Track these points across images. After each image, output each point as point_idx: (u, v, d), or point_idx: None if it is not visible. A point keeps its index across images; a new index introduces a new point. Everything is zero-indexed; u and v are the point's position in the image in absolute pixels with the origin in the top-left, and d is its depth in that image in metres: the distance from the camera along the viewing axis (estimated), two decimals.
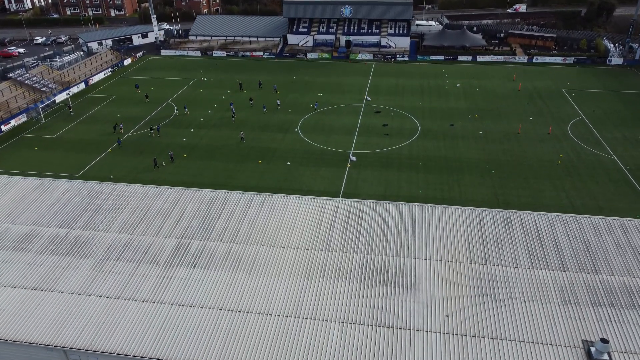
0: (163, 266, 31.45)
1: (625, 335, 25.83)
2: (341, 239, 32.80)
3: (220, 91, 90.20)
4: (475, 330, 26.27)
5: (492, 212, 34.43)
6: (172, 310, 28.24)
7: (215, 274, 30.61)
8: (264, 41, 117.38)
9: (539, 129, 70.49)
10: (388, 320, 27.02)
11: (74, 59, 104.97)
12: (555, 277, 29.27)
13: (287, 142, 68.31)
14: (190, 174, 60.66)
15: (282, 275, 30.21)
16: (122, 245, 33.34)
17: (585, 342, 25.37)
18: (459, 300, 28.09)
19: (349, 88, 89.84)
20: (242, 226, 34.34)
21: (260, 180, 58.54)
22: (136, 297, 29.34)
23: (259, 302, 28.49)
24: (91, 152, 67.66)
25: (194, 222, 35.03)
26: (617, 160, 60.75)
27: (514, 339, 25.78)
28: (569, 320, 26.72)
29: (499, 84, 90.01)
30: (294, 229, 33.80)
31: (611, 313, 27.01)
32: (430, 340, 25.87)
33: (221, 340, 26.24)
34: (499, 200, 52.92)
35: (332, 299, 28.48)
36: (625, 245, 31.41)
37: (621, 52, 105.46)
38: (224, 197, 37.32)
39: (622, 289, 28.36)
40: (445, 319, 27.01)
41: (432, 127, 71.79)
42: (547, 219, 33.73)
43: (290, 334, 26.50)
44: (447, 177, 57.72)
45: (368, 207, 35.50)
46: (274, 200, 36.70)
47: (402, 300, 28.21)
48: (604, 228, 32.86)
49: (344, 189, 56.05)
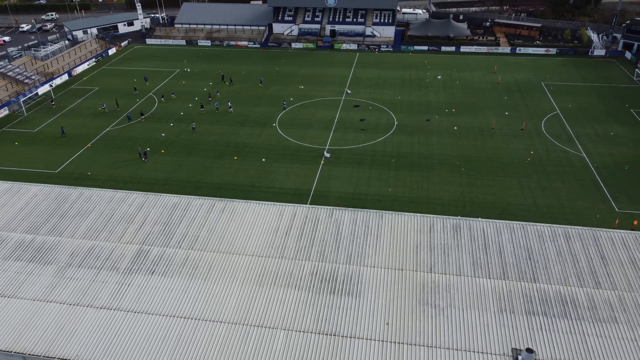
0: (122, 273, 32.68)
1: (554, 344, 27.24)
2: (295, 246, 34.03)
3: (202, 83, 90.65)
4: (412, 339, 27.67)
5: (442, 219, 35.64)
6: (127, 318, 29.55)
7: (172, 281, 31.88)
8: (249, 30, 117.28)
9: (514, 124, 71.46)
10: (331, 328, 28.41)
11: (58, 49, 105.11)
12: (494, 286, 30.63)
13: (265, 138, 69.21)
14: (166, 171, 61.62)
15: (235, 283, 31.49)
16: (85, 251, 34.51)
17: (514, 350, 26.84)
18: (401, 308, 29.45)
19: (330, 80, 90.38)
20: (201, 233, 35.52)
21: (234, 178, 59.60)
22: (94, 304, 30.62)
23: (210, 309, 29.81)
24: (71, 147, 68.43)
25: (156, 228, 36.18)
26: (585, 157, 61.91)
27: (448, 347, 27.20)
28: (502, 328, 28.12)
29: (480, 76, 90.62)
30: (251, 236, 35.01)
31: (543, 322, 28.40)
32: (369, 348, 27.27)
33: (170, 348, 27.60)
34: (465, 199, 54.14)
35: (281, 307, 29.81)
36: (566, 253, 32.72)
37: (605, 42, 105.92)
38: (186, 203, 38.42)
39: (557, 298, 29.73)
40: (386, 326, 28.39)
41: (409, 122, 72.69)
42: (495, 226, 34.98)
43: (237, 341, 27.86)
44: (417, 175, 58.86)
45: (324, 214, 36.69)
46: (234, 206, 37.83)
47: (347, 308, 29.57)
48: (548, 236, 34.13)
49: (315, 187, 57.20)
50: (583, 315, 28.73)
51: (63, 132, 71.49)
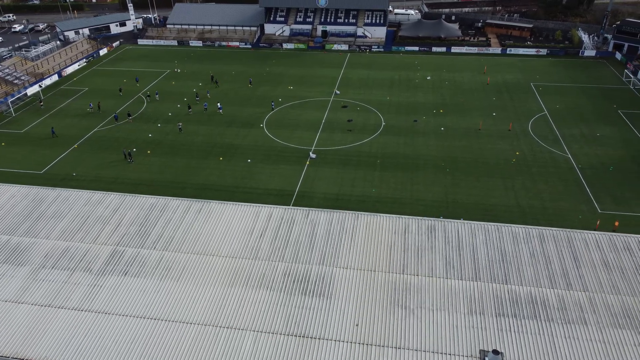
0: (96, 274, 32.65)
1: (522, 345, 27.25)
2: (270, 247, 34.02)
3: (192, 83, 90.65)
4: (381, 340, 27.67)
5: (418, 220, 35.65)
6: (98, 319, 29.52)
7: (144, 282, 31.85)
8: (241, 30, 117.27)
9: (501, 125, 71.52)
10: (301, 330, 28.40)
11: (49, 49, 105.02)
12: (466, 287, 30.64)
13: (251, 138, 69.19)
14: (152, 172, 61.58)
15: (207, 284, 31.47)
16: (59, 252, 34.47)
17: (482, 352, 26.85)
18: (371, 309, 29.45)
19: (320, 80, 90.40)
20: (176, 234, 35.49)
21: (219, 178, 59.59)
22: (66, 305, 30.58)
23: (181, 310, 29.78)
24: (58, 147, 68.40)
25: (131, 229, 36.15)
26: (570, 158, 61.98)
27: (416, 348, 27.20)
28: (472, 330, 28.13)
29: (469, 77, 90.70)
30: (226, 237, 34.99)
31: (513, 323, 28.40)
32: (337, 349, 27.27)
33: (139, 349, 27.56)
34: (448, 200, 54.18)
35: (251, 308, 29.79)
36: (539, 255, 32.73)
37: (596, 43, 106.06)
38: (163, 204, 38.40)
39: (528, 300, 29.74)
40: (355, 328, 28.39)
41: (396, 123, 72.73)
42: (470, 227, 34.99)
43: (206, 343, 27.84)
44: (402, 176, 58.88)
45: (300, 215, 36.68)
46: (211, 207, 37.82)
47: (318, 309, 29.56)
48: (522, 237, 34.16)
49: (300, 187, 57.20)
50: (553, 316, 28.75)
51: (54, 132, 71.45)
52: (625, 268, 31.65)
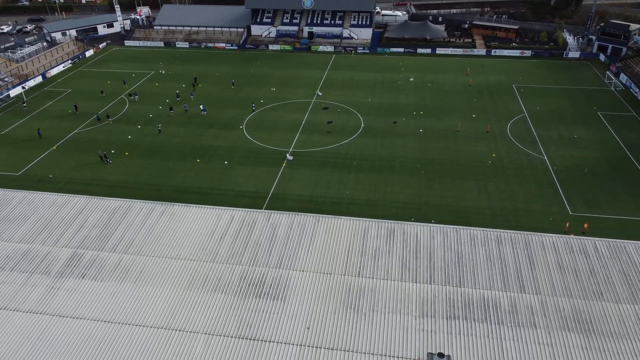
0: (54, 277, 32.72)
1: (471, 348, 27.40)
2: (228, 250, 34.14)
3: (176, 85, 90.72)
4: (331, 343, 27.81)
5: (377, 223, 35.79)
6: (52, 322, 29.60)
7: (101, 285, 31.93)
8: (228, 32, 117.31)
9: (479, 126, 71.75)
10: (252, 332, 28.52)
11: (35, 51, 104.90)
12: (420, 290, 30.79)
13: (230, 140, 69.30)
14: (129, 173, 61.63)
15: (164, 287, 31.57)
16: (20, 255, 34.53)
17: (430, 354, 26.96)
18: (324, 312, 29.59)
19: (303, 82, 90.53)
20: (137, 237, 35.57)
21: (195, 180, 59.67)
22: (21, 307, 30.65)
23: (135, 313, 29.88)
24: (37, 149, 68.41)
25: (93, 232, 36.23)
26: (546, 160, 62.21)
27: (366, 351, 27.34)
28: (422, 333, 28.29)
29: (452, 78, 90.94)
30: (186, 240, 35.10)
31: (463, 326, 28.56)
32: (287, 352, 27.39)
33: (90, 352, 27.64)
34: (421, 202, 54.35)
35: (205, 311, 29.91)
36: (495, 257, 32.92)
37: (580, 44, 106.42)
38: (127, 207, 38.47)
39: (480, 303, 29.91)
40: (307, 331, 28.53)
41: (375, 125, 72.90)
42: (429, 230, 35.16)
43: (158, 346, 27.94)
44: (376, 178, 59.05)
45: (262, 218, 36.81)
46: (174, 210, 37.91)
47: (271, 312, 29.69)
48: (480, 240, 34.33)
49: (274, 189, 57.32)
50: (503, 319, 28.93)
51: (40, 134, 71.57)
52: (580, 271, 31.85)
